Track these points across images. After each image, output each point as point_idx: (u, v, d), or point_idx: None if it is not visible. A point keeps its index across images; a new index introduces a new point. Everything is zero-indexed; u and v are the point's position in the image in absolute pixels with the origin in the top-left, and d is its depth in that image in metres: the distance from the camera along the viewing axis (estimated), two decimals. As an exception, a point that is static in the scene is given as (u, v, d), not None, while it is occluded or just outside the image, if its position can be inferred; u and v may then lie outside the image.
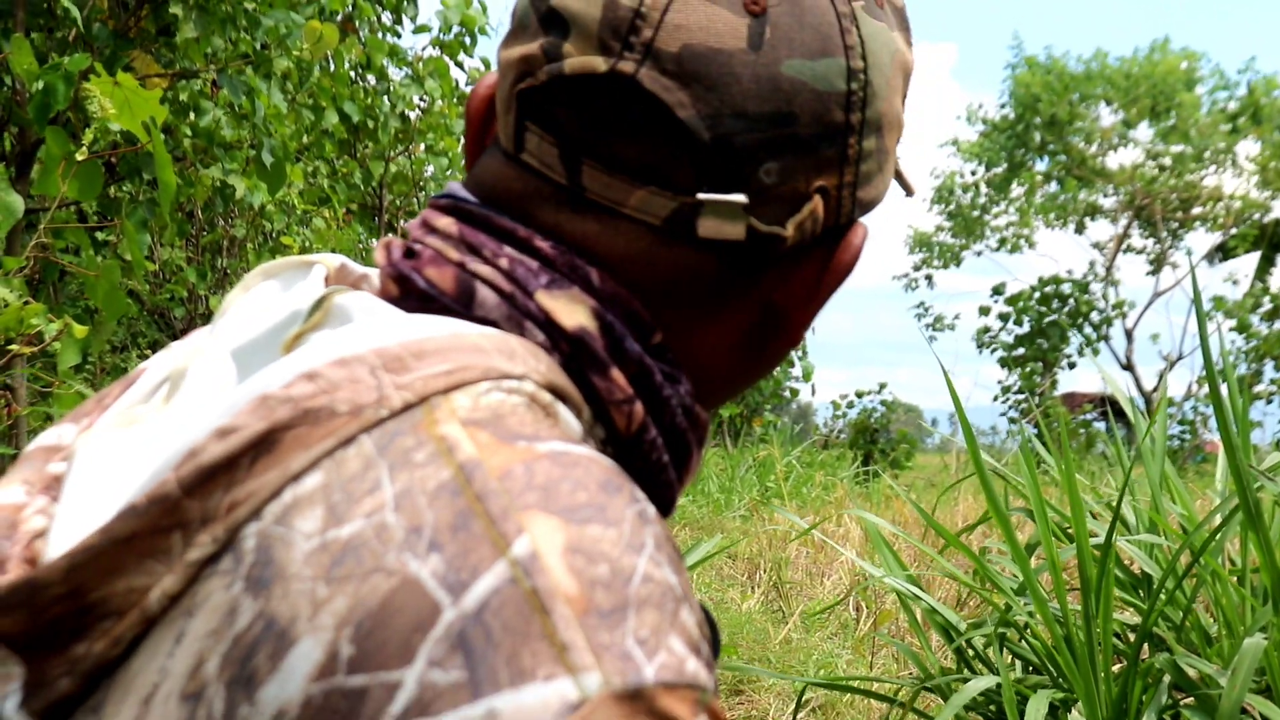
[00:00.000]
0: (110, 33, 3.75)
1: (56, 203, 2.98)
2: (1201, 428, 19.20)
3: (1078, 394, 23.96)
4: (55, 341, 2.86)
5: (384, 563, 0.59)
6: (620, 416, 0.77)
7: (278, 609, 0.60)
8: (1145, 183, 23.03)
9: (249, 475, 0.64)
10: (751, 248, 0.78)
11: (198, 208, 6.21)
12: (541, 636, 0.57)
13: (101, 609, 0.64)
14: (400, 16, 6.79)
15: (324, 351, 0.68)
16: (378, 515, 0.61)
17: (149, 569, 0.64)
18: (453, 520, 0.60)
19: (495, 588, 0.58)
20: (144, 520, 0.64)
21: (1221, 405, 2.46)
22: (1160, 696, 2.33)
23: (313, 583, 0.60)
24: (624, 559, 0.61)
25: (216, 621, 0.62)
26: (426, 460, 0.63)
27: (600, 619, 0.58)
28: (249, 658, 0.59)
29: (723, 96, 0.74)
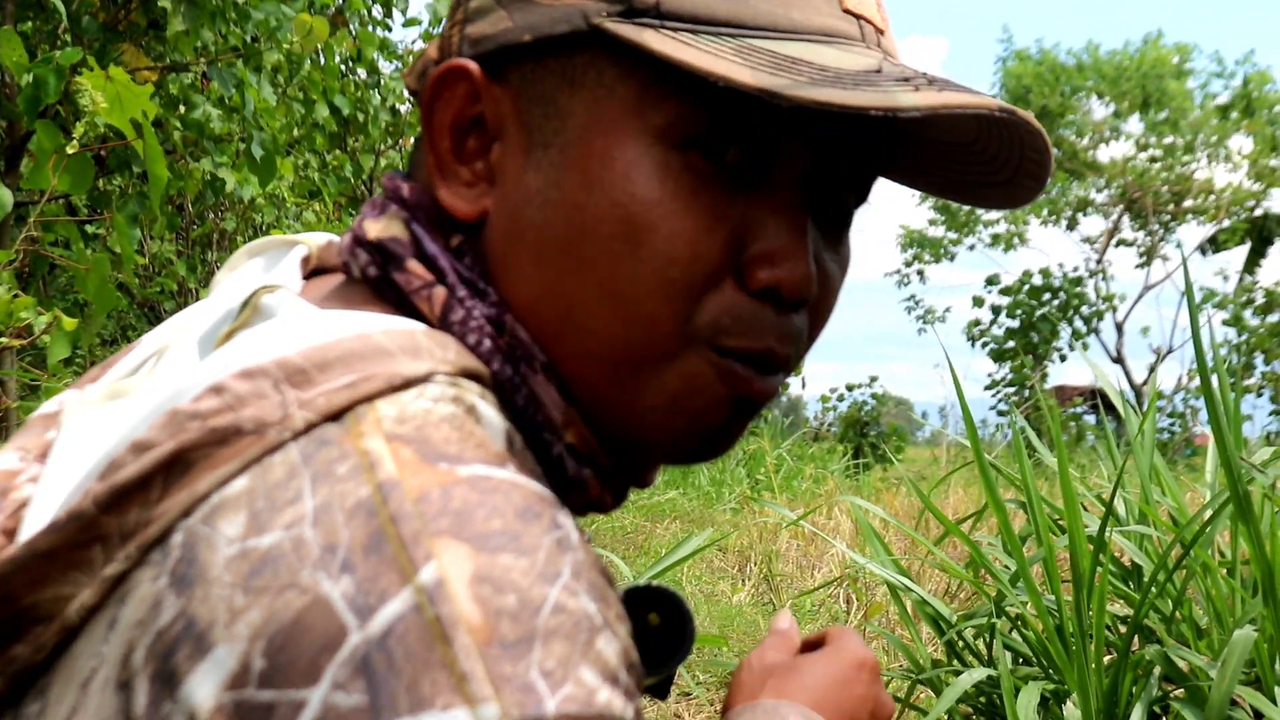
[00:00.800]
0: (100, 26, 3.74)
1: (46, 196, 2.98)
2: (1192, 420, 19.24)
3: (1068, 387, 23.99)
4: (45, 335, 2.85)
5: (299, 579, 0.59)
6: (423, 304, 0.78)
7: (198, 611, 0.60)
8: (1136, 175, 23.05)
9: (163, 495, 0.65)
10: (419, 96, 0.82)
11: (188, 201, 6.20)
12: (442, 665, 0.57)
13: (33, 614, 0.66)
14: (390, 10, 6.78)
15: (231, 362, 0.69)
16: (297, 528, 0.61)
17: (73, 579, 0.65)
18: (366, 541, 0.60)
19: (400, 614, 0.58)
20: (63, 535, 0.65)
21: (1212, 398, 2.47)
22: (1151, 688, 2.33)
23: (231, 589, 0.60)
24: (534, 589, 0.60)
25: (143, 612, 0.62)
26: (348, 474, 0.63)
27: (503, 649, 0.58)
28: (170, 654, 0.60)
29: None
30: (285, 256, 0.85)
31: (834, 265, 0.84)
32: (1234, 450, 2.34)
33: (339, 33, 5.89)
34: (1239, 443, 2.75)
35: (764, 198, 0.78)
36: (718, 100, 0.74)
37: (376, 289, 0.80)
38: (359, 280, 0.80)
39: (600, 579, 0.65)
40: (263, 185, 4.69)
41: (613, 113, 0.76)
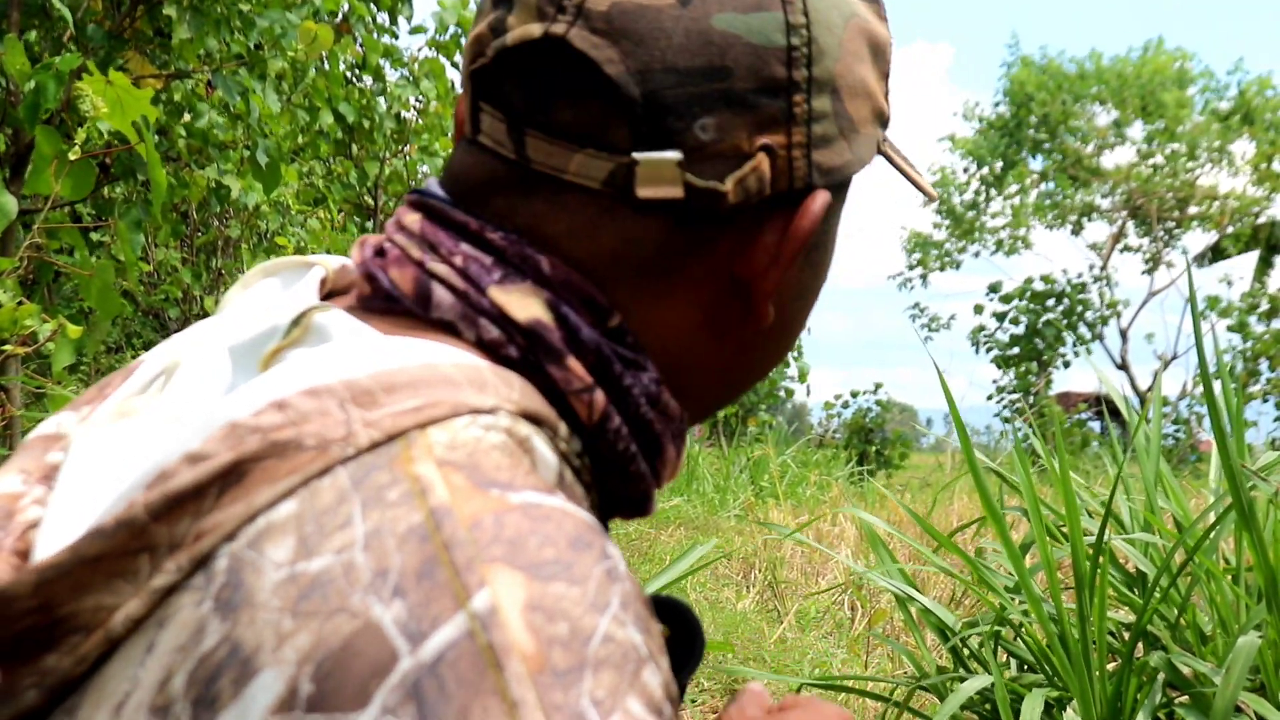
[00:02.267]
0: (105, 33, 3.74)
1: (50, 203, 2.98)
2: (1196, 427, 19.22)
3: (1072, 393, 23.99)
4: (49, 342, 2.85)
5: (349, 603, 0.59)
6: (581, 406, 0.76)
7: (244, 635, 0.60)
8: (1141, 182, 23.04)
9: (216, 506, 0.64)
10: (695, 208, 0.77)
11: (192, 208, 6.21)
12: (494, 692, 0.56)
13: (70, 624, 0.64)
14: (396, 17, 6.78)
15: (295, 379, 0.68)
16: (347, 553, 0.61)
17: (116, 588, 0.64)
18: (419, 567, 0.60)
19: (453, 640, 0.57)
20: (111, 543, 0.64)
21: (1215, 404, 2.46)
22: (1155, 695, 2.33)
23: (279, 614, 0.60)
24: (585, 618, 0.60)
25: (185, 638, 0.62)
26: (399, 500, 0.63)
27: (555, 678, 0.58)
28: (214, 680, 0.60)
29: (652, 52, 0.74)
30: (302, 278, 0.84)
31: None
32: (1236, 456, 2.34)
33: (344, 40, 5.90)
34: (1242, 449, 2.74)
35: None
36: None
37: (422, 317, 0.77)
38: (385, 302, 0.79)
39: (645, 610, 0.65)
40: (267, 192, 4.70)
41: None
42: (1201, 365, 2.48)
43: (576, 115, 0.76)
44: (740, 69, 0.75)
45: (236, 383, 0.74)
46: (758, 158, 0.77)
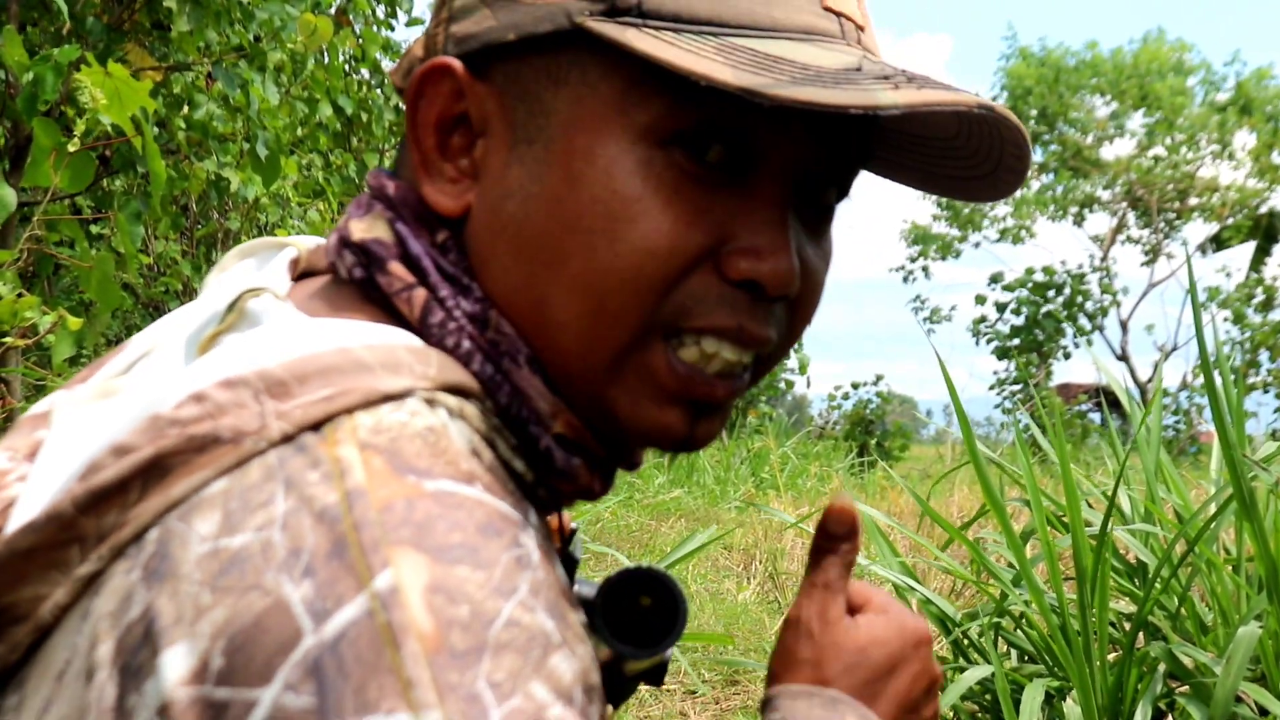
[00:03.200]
0: (104, 26, 3.74)
1: (50, 195, 2.98)
2: (1197, 418, 19.22)
3: (1073, 385, 23.97)
4: (49, 334, 2.85)
5: (263, 580, 0.61)
6: (404, 305, 0.79)
7: (164, 606, 0.62)
8: (1141, 173, 23.02)
9: (140, 498, 0.67)
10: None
11: (192, 200, 6.20)
12: (390, 671, 0.58)
13: (10, 614, 0.68)
14: (394, 9, 6.78)
15: (214, 370, 0.71)
16: (266, 531, 0.63)
17: (51, 578, 0.68)
18: (329, 548, 0.62)
19: (354, 619, 0.59)
20: (42, 535, 0.67)
21: (1215, 395, 2.47)
22: (1155, 685, 2.33)
23: (199, 587, 0.62)
24: (488, 602, 0.61)
25: (115, 604, 0.65)
26: (318, 480, 0.65)
27: (451, 658, 0.59)
28: (137, 649, 0.62)
29: None
30: (275, 258, 0.87)
31: (817, 259, 0.85)
32: (1237, 447, 2.34)
33: (343, 32, 5.90)
34: (1242, 440, 2.74)
35: (746, 194, 0.79)
36: (700, 98, 0.74)
37: (363, 290, 0.81)
38: (347, 281, 0.82)
39: (560, 600, 0.66)
40: (267, 185, 4.70)
41: (596, 110, 0.77)
42: (1202, 356, 2.48)
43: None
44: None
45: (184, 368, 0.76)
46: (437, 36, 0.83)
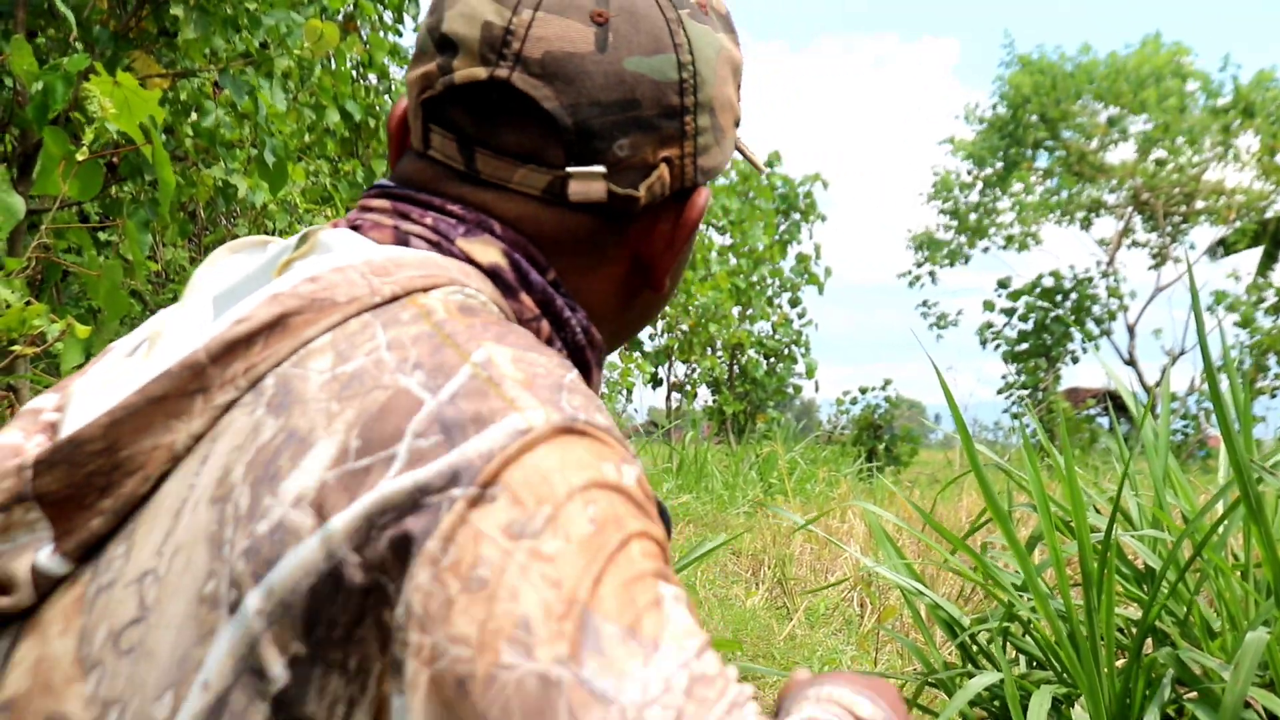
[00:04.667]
0: (111, 34, 3.75)
1: (58, 203, 2.99)
2: (1205, 422, 19.18)
3: (1081, 389, 23.95)
4: (58, 342, 2.86)
5: (381, 382, 0.81)
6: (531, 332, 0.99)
7: (298, 423, 0.81)
8: (1147, 177, 22.96)
9: (264, 348, 0.85)
10: (614, 207, 1.01)
11: (200, 207, 6.21)
12: (496, 398, 0.80)
13: (128, 466, 0.84)
14: (401, 15, 6.79)
15: (322, 263, 0.90)
16: (375, 354, 0.83)
17: (172, 427, 0.84)
18: (431, 352, 0.83)
19: (462, 381, 0.80)
20: (175, 382, 0.84)
21: (1221, 400, 2.46)
22: (1163, 691, 2.33)
23: (327, 402, 0.81)
24: (556, 370, 0.85)
25: (241, 439, 0.82)
26: (410, 320, 0.86)
27: (540, 389, 0.82)
28: (272, 461, 0.79)
29: (579, 89, 0.97)
30: (264, 251, 1.00)
31: None
32: (1244, 451, 2.33)
33: (350, 38, 5.90)
34: (1250, 444, 2.73)
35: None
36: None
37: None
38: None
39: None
40: (274, 191, 4.70)
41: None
42: (1206, 361, 2.47)
43: (519, 138, 0.99)
44: (646, 100, 0.99)
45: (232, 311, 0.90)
46: (661, 168, 1.01)
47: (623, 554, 0.76)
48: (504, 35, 0.97)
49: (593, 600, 0.73)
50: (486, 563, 0.73)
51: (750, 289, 18.38)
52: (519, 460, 0.77)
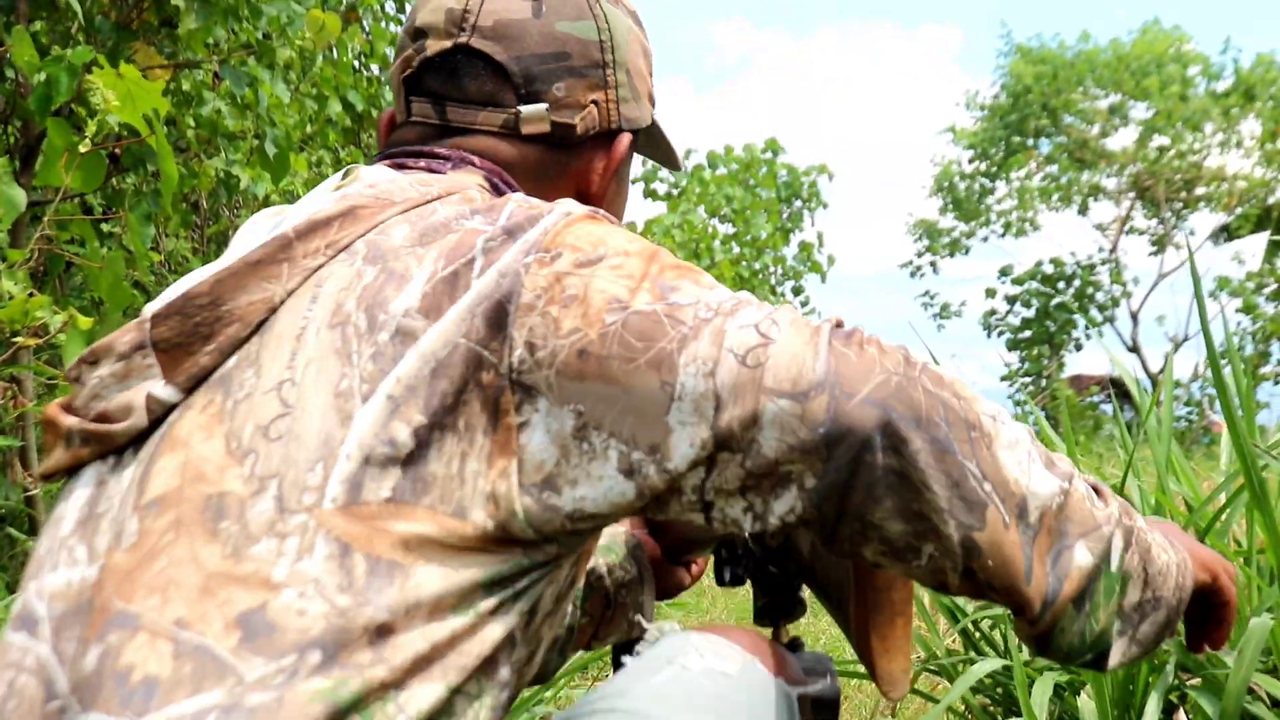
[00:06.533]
0: (113, 25, 3.74)
1: (60, 195, 2.98)
2: (1208, 409, 19.14)
3: (1085, 376, 23.90)
4: (60, 334, 2.86)
5: (452, 228, 1.07)
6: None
7: (394, 266, 1.05)
8: (1148, 164, 22.89)
9: (339, 229, 1.09)
10: (556, 139, 1.29)
11: (202, 198, 6.20)
12: (542, 207, 1.08)
13: (228, 317, 1.05)
14: (403, 5, 6.78)
15: (377, 176, 1.17)
16: (442, 216, 1.09)
17: (264, 287, 1.06)
18: (485, 208, 1.10)
19: (512, 209, 1.08)
20: (268, 251, 1.07)
21: (1224, 385, 2.46)
22: (1166, 677, 2.33)
23: (412, 249, 1.06)
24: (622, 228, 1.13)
25: (347, 282, 1.05)
26: (458, 202, 1.13)
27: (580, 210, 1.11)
28: (379, 292, 1.03)
29: (522, 45, 1.26)
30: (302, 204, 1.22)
31: None
32: (1247, 437, 2.33)
33: (351, 28, 5.89)
34: (1253, 430, 2.73)
35: None
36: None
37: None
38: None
39: None
40: (276, 182, 4.70)
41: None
42: (1209, 347, 2.47)
43: (479, 87, 1.27)
44: (575, 53, 1.28)
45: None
46: (590, 108, 1.30)
47: (666, 254, 1.07)
48: (462, 13, 1.26)
49: (660, 275, 1.03)
50: (571, 286, 1.01)
51: (753, 277, 18.37)
52: (570, 228, 1.06)
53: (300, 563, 0.94)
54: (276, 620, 0.91)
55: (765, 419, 0.94)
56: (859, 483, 0.94)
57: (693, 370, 0.95)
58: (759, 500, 0.97)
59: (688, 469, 0.96)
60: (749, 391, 0.94)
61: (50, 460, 1.11)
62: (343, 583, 0.93)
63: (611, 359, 0.97)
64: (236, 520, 0.96)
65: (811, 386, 0.94)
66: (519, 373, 0.98)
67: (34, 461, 3.83)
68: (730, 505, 0.98)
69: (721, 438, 0.95)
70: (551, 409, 0.97)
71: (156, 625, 0.93)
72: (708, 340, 0.96)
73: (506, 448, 0.98)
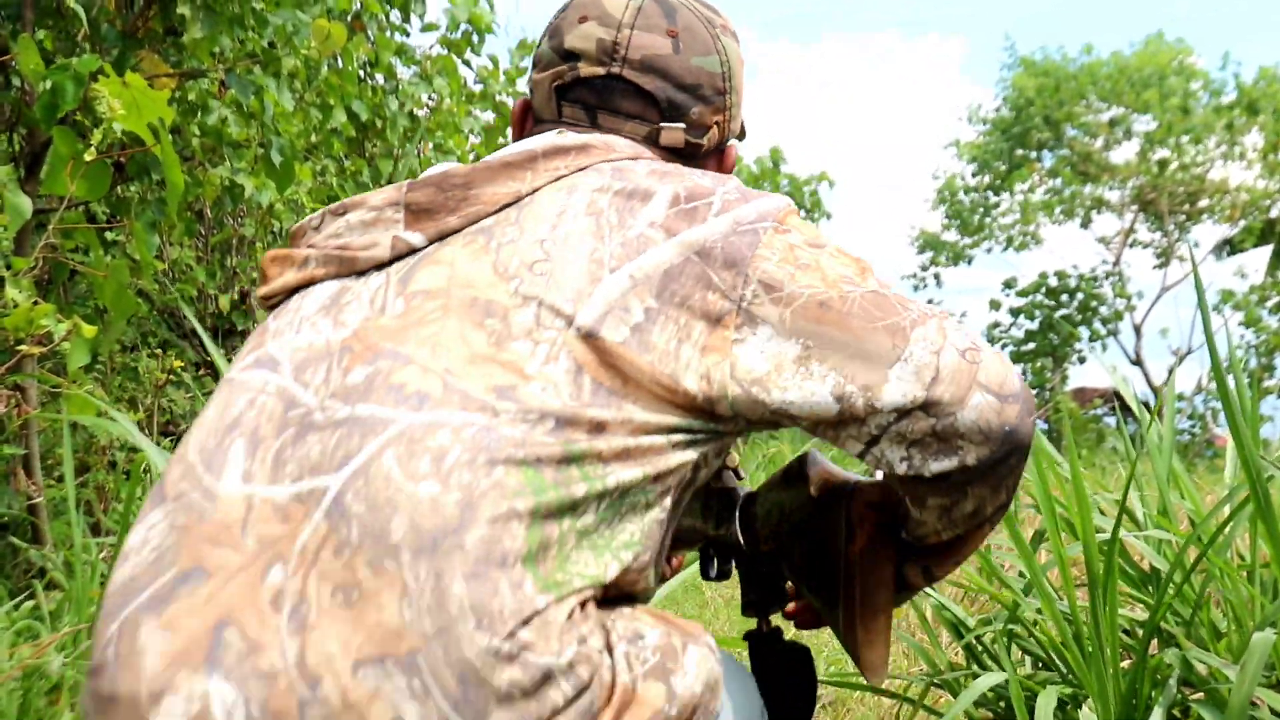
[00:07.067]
0: (118, 33, 3.75)
1: (65, 203, 2.99)
2: (1212, 422, 19.12)
3: (1088, 389, 23.87)
4: (65, 342, 2.86)
5: (683, 173, 1.37)
6: None
7: (638, 184, 1.34)
8: (1151, 177, 22.86)
9: (576, 157, 1.39)
10: (685, 151, 1.55)
11: (207, 207, 6.21)
12: (766, 194, 1.36)
13: (475, 200, 1.35)
14: (408, 15, 6.77)
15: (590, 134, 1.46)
16: (666, 164, 1.42)
17: (510, 184, 1.35)
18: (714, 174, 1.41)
19: (743, 188, 1.38)
20: (517, 159, 1.37)
21: (1229, 398, 2.46)
22: (1170, 692, 2.32)
23: (653, 177, 1.35)
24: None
25: (599, 185, 1.34)
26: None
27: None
28: (629, 200, 1.32)
29: (666, 77, 1.53)
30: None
31: None
32: (1252, 449, 2.33)
33: (356, 38, 5.90)
34: (1257, 443, 2.73)
35: None
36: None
37: None
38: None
39: None
40: (281, 191, 4.70)
41: None
42: (1214, 360, 2.47)
43: (628, 106, 1.53)
44: (705, 85, 1.55)
45: None
46: (713, 128, 1.57)
47: (868, 264, 1.33)
48: (612, 45, 1.52)
49: (873, 273, 1.32)
50: (804, 257, 1.30)
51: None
52: (794, 216, 1.36)
53: (546, 366, 1.20)
54: (523, 397, 1.18)
55: (971, 402, 1.21)
56: (1000, 472, 1.26)
57: (922, 345, 1.23)
58: (921, 455, 1.24)
59: (887, 411, 1.22)
60: (964, 378, 1.22)
61: (277, 282, 1.38)
62: (574, 392, 1.19)
63: (853, 317, 1.24)
64: (501, 320, 1.23)
65: (1011, 394, 1.23)
66: (749, 303, 1.26)
67: (37, 469, 3.83)
68: (893, 450, 1.25)
69: (930, 401, 1.21)
70: (774, 336, 1.25)
71: (428, 365, 1.20)
72: (934, 329, 1.24)
73: (720, 350, 1.25)
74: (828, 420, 1.25)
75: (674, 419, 1.24)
